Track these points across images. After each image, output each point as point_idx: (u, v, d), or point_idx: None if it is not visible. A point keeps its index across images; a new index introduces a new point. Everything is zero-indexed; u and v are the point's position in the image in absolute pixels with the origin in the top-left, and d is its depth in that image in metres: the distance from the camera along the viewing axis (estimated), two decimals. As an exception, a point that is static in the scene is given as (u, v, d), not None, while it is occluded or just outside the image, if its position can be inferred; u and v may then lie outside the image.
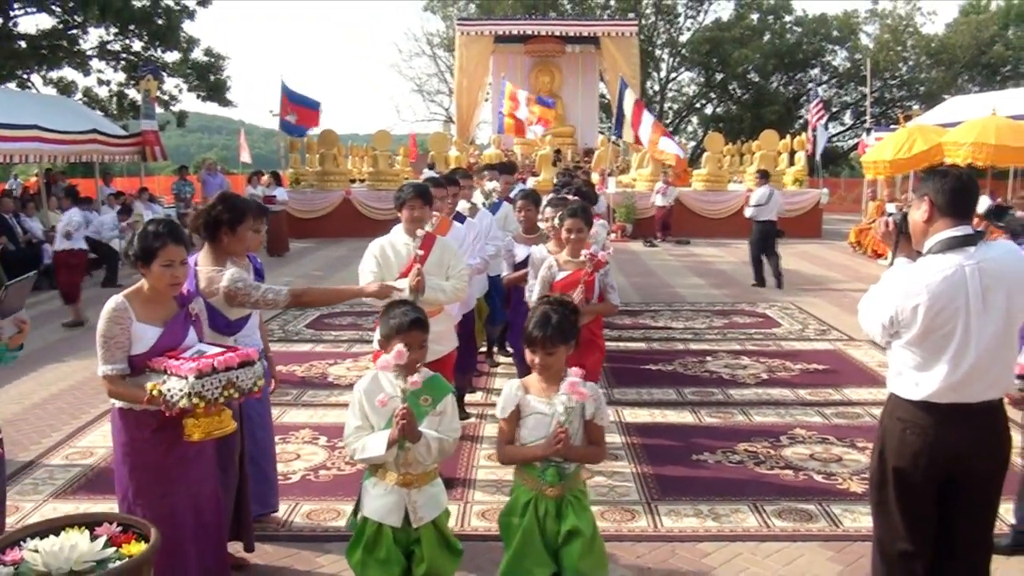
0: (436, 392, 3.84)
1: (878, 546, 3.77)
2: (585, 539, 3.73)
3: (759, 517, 5.46)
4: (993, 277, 3.38)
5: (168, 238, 3.78)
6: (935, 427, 3.45)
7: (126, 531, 3.18)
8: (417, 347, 3.76)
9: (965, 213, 3.49)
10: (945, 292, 3.38)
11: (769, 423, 7.35)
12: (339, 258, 18.78)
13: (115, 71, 31.90)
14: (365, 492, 3.82)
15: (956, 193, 3.47)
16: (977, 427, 3.42)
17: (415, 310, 3.88)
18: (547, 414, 3.79)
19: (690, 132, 52.47)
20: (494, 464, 6.35)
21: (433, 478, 3.84)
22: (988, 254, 3.42)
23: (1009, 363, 3.47)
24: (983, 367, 3.38)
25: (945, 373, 3.41)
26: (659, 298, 13.69)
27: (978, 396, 3.40)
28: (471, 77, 31.35)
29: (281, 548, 5.03)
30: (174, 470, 3.83)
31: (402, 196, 5.57)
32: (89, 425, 7.37)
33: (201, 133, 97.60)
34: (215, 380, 3.60)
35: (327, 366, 9.26)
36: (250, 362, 3.79)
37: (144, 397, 3.66)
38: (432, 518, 3.78)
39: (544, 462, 3.78)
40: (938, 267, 3.43)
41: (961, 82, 44.17)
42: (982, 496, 3.52)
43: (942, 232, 3.47)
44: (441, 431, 3.77)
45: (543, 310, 3.91)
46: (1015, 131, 13.83)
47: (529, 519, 3.78)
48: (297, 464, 6.37)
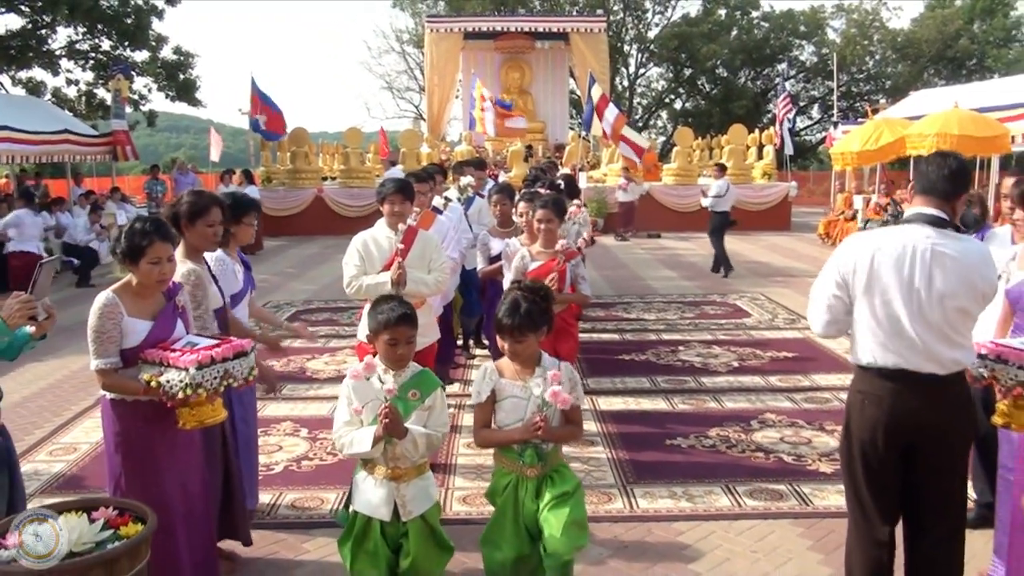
0: (425, 387, 3.87)
1: (850, 518, 3.93)
2: (566, 497, 3.79)
3: (731, 497, 5.64)
4: (946, 265, 3.49)
5: (155, 235, 3.86)
6: (890, 396, 3.60)
7: (122, 514, 3.29)
8: (404, 342, 3.80)
9: (938, 195, 3.61)
10: (891, 254, 3.55)
11: (740, 408, 7.54)
12: (312, 256, 18.84)
13: (84, 70, 31.74)
14: (356, 486, 3.88)
15: (932, 175, 3.64)
16: (931, 397, 3.56)
17: (403, 305, 3.86)
18: (523, 397, 3.85)
19: (660, 127, 52.73)
20: (474, 451, 6.48)
21: (423, 472, 3.88)
22: (951, 242, 3.52)
23: (958, 346, 3.55)
24: (924, 343, 3.51)
25: (886, 336, 3.58)
26: (631, 290, 13.88)
27: (921, 367, 3.54)
28: (441, 74, 31.42)
29: (267, 535, 5.14)
30: (164, 458, 3.94)
31: (383, 192, 5.66)
32: (71, 422, 7.44)
33: (169, 132, 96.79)
34: (214, 371, 3.72)
35: (305, 360, 9.35)
36: (244, 353, 3.91)
37: (139, 388, 3.77)
38: (421, 512, 3.82)
39: (521, 444, 3.84)
40: (893, 232, 3.63)
41: (927, 76, 44.69)
42: (941, 465, 3.66)
43: (912, 208, 3.67)
44: (429, 426, 3.80)
45: (513, 297, 3.92)
46: (976, 122, 14.14)
47: (506, 498, 3.87)
48: (279, 455, 6.48)
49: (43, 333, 3.80)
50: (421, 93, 43.26)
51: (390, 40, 51.07)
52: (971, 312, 3.56)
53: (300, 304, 12.86)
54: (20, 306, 3.47)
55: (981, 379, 3.83)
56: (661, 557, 4.84)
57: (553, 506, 3.78)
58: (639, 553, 4.89)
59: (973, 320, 3.61)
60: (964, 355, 3.58)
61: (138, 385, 3.78)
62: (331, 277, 15.15)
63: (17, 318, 3.48)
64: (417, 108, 49.25)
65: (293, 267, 17.19)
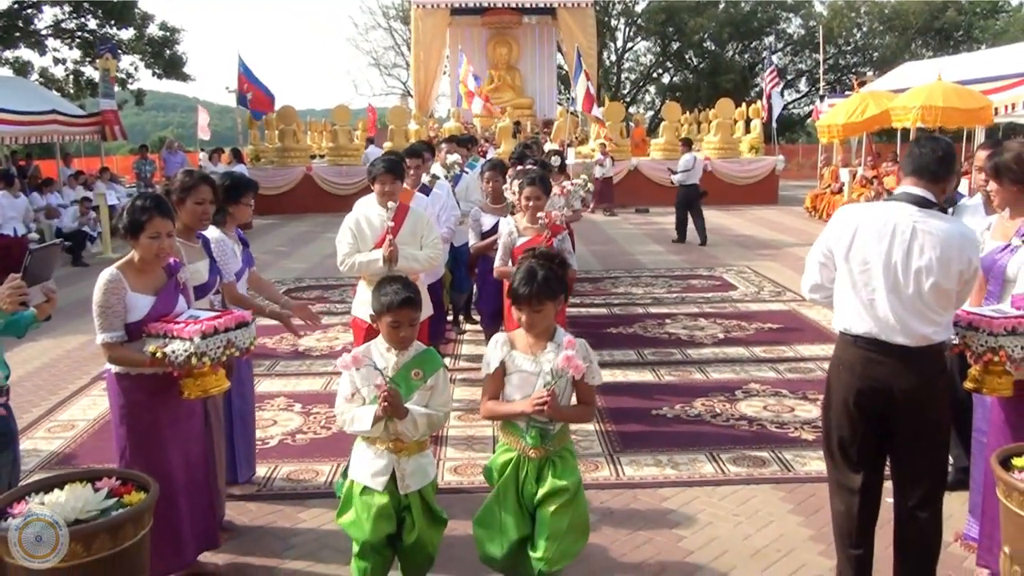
0: (427, 366, 3.87)
1: (832, 486, 4.11)
2: (565, 498, 3.70)
3: (715, 465, 5.80)
4: (925, 243, 3.62)
5: (155, 211, 3.97)
6: (862, 363, 3.76)
7: (125, 484, 3.43)
8: (407, 325, 3.80)
9: (928, 176, 3.74)
10: (874, 227, 3.70)
11: (725, 379, 7.69)
12: (302, 234, 18.92)
13: (71, 49, 31.60)
14: (355, 454, 3.93)
15: (924, 157, 3.77)
16: (902, 367, 3.69)
17: (407, 288, 3.82)
18: (532, 372, 3.73)
19: (648, 102, 52.73)
20: (464, 423, 6.66)
21: (423, 448, 3.90)
22: (935, 222, 3.65)
23: (931, 322, 3.67)
24: (896, 316, 3.65)
25: (861, 306, 3.73)
26: (619, 265, 14.01)
27: (892, 338, 3.68)
28: (428, 50, 31.31)
29: (264, 506, 5.29)
30: (168, 429, 4.08)
31: (373, 171, 5.76)
32: (68, 400, 7.55)
33: (156, 111, 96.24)
34: (217, 340, 3.84)
35: (297, 338, 9.45)
36: (245, 323, 4.05)
37: (144, 360, 3.88)
38: (419, 487, 3.85)
39: (527, 422, 3.73)
40: (878, 207, 3.80)
41: (915, 47, 44.79)
42: (916, 432, 3.80)
43: (901, 187, 3.83)
44: (431, 405, 3.83)
45: (528, 265, 3.75)
46: (960, 94, 14.27)
47: (507, 479, 3.78)
48: (274, 429, 6.61)
49: (47, 315, 3.93)
50: (408, 70, 43.11)
51: (376, 16, 51.06)
52: (947, 290, 3.66)
53: (291, 282, 12.96)
54: (10, 291, 3.58)
55: (953, 346, 3.98)
56: (646, 522, 5.00)
57: (554, 510, 3.69)
58: (625, 519, 5.04)
59: (949, 299, 3.71)
60: (936, 332, 3.70)
61: (143, 357, 3.89)
62: (321, 255, 15.25)
63: (8, 303, 3.58)
64: (405, 85, 49.12)
65: (284, 245, 17.28)
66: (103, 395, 7.56)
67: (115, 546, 3.06)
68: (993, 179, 4.62)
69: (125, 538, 3.11)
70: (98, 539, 3.03)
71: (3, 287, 3.61)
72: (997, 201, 4.64)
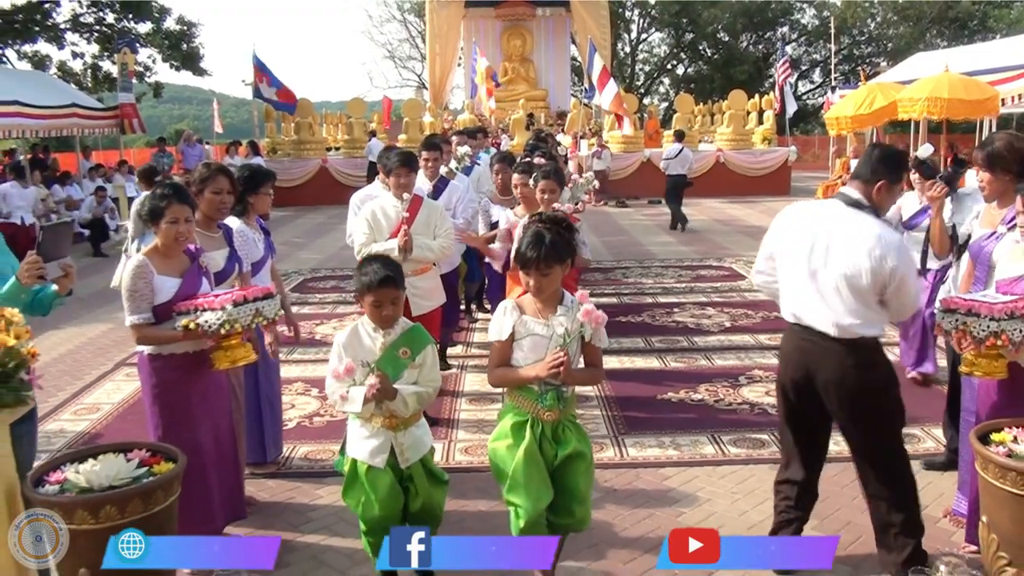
0: (415, 344, 3.93)
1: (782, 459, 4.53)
2: (587, 462, 3.83)
3: (716, 446, 6.01)
4: (843, 238, 3.93)
5: (173, 198, 4.24)
6: (794, 346, 4.17)
7: (154, 455, 3.67)
8: (389, 303, 3.84)
9: (858, 178, 4.07)
10: (804, 223, 4.10)
11: (729, 366, 7.90)
12: (318, 225, 19.18)
13: (89, 43, 31.95)
14: (351, 433, 4.03)
15: (860, 162, 4.13)
16: (826, 354, 4.01)
17: (387, 267, 3.87)
18: (545, 336, 3.72)
19: (662, 93, 52.81)
20: (474, 407, 6.89)
21: (418, 419, 4.00)
22: (856, 221, 3.93)
23: (853, 313, 3.92)
24: (816, 301, 3.99)
25: (791, 293, 4.13)
26: (630, 255, 14.21)
27: (815, 323, 4.02)
28: (443, 42, 31.51)
29: (284, 483, 5.55)
30: (198, 407, 4.33)
31: (389, 165, 5.97)
32: (92, 384, 7.81)
33: (172, 104, 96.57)
34: (247, 308, 4.13)
35: (314, 326, 9.72)
36: (270, 295, 4.36)
37: (175, 335, 4.15)
38: (418, 458, 3.96)
39: (542, 386, 3.73)
40: (814, 205, 4.20)
41: (929, 37, 44.63)
42: (847, 418, 4.12)
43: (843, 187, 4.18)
44: (420, 382, 3.91)
45: (535, 230, 3.72)
46: (966, 85, 14.36)
47: (530, 441, 3.73)
48: (292, 412, 6.86)
49: (68, 289, 4.14)
50: (423, 62, 43.36)
51: (391, 9, 51.12)
52: (861, 288, 3.88)
53: (307, 272, 13.22)
54: (28, 266, 3.83)
55: (951, 332, 4.17)
56: (648, 499, 5.21)
57: (582, 473, 3.82)
58: (627, 496, 5.26)
59: (866, 298, 3.92)
60: (858, 324, 3.94)
61: (174, 333, 4.15)
62: (337, 246, 15.49)
63: (27, 277, 3.83)
64: (419, 77, 49.35)
65: (299, 236, 17.53)
66: (126, 380, 7.84)
67: (146, 510, 3.31)
68: (986, 169, 4.79)
69: (156, 503, 3.35)
70: (131, 503, 3.27)
71: (22, 263, 3.86)
72: (988, 192, 4.82)
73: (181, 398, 4.30)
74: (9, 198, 14.91)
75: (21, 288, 3.84)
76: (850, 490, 5.00)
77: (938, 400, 6.22)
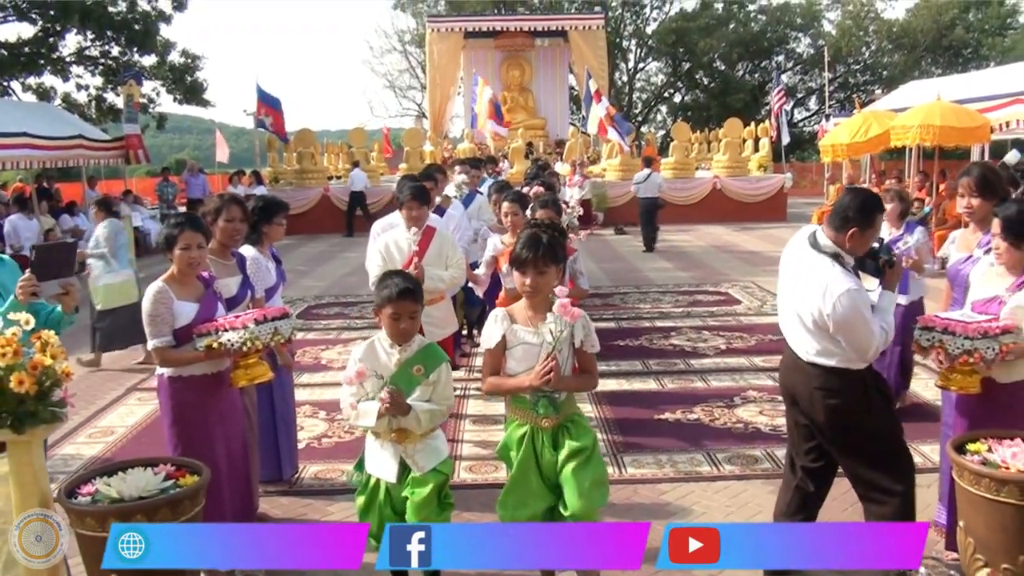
0: (429, 361, 4.00)
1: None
2: (586, 454, 3.85)
3: (711, 463, 6.24)
4: (801, 279, 4.23)
5: (186, 226, 4.52)
6: (783, 366, 4.52)
7: (179, 469, 3.90)
8: (407, 317, 3.93)
9: (830, 226, 4.22)
10: (787, 256, 4.45)
11: (725, 387, 8.13)
12: (320, 253, 19.45)
13: (93, 76, 32.27)
14: (367, 447, 4.16)
15: (837, 201, 4.37)
16: (801, 374, 4.29)
17: (407, 280, 3.98)
18: (535, 344, 3.82)
19: (659, 121, 53.33)
20: (478, 427, 7.11)
21: (432, 434, 4.05)
22: (814, 264, 4.16)
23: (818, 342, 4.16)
24: (791, 328, 4.33)
25: (780, 307, 4.51)
26: (628, 281, 14.46)
27: (792, 343, 4.35)
28: (443, 73, 32.02)
29: (295, 500, 5.78)
30: (215, 426, 4.57)
31: (401, 199, 6.23)
32: (105, 409, 8.03)
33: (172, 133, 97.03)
34: (266, 327, 4.38)
35: (320, 351, 9.96)
36: (287, 315, 4.61)
37: (198, 356, 4.39)
38: (433, 466, 3.98)
39: (533, 394, 3.83)
40: (798, 240, 4.40)
41: (924, 65, 45.21)
42: (821, 434, 4.36)
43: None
44: (434, 400, 3.97)
45: (531, 232, 3.90)
46: (957, 113, 14.67)
47: (525, 451, 3.87)
48: (302, 434, 7.05)
49: (72, 308, 4.30)
50: (423, 91, 43.80)
51: (392, 40, 51.68)
52: (817, 321, 4.10)
53: (312, 299, 13.45)
54: (22, 284, 4.04)
55: (927, 349, 4.42)
56: (645, 513, 5.43)
57: (575, 468, 3.82)
58: (625, 510, 5.49)
59: (824, 331, 4.11)
60: (823, 355, 4.18)
61: (196, 354, 4.39)
62: (340, 273, 15.78)
63: (20, 295, 4.02)
64: (419, 106, 49.82)
65: (303, 264, 17.77)
66: (139, 404, 8.08)
67: (175, 519, 3.52)
68: (978, 194, 5.01)
69: (183, 512, 3.57)
70: (160, 512, 3.49)
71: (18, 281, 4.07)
72: (977, 215, 5.03)
73: (199, 418, 4.54)
74: (19, 230, 15.21)
75: (19, 306, 3.99)
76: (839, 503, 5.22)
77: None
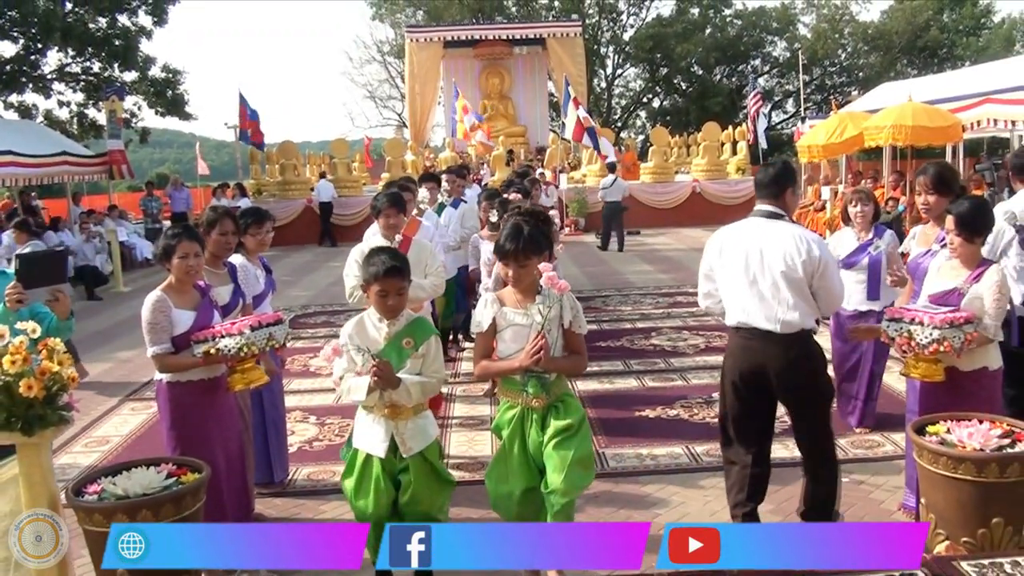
0: (418, 334, 4.11)
1: (726, 464, 5.01)
2: (571, 431, 3.95)
3: (690, 456, 6.47)
4: (772, 242, 4.48)
5: (183, 236, 4.72)
6: (741, 347, 4.69)
7: (180, 467, 4.10)
8: (395, 293, 4.03)
9: (768, 193, 4.64)
10: (732, 238, 4.65)
11: (704, 384, 8.36)
12: (305, 263, 19.62)
13: (75, 92, 32.37)
14: (357, 422, 4.24)
15: (760, 181, 4.70)
16: (771, 351, 4.53)
17: (394, 258, 4.06)
18: (525, 325, 3.93)
19: (639, 127, 53.68)
20: (465, 427, 7.32)
21: (421, 410, 4.16)
22: (776, 227, 4.51)
23: (792, 308, 4.46)
24: (758, 303, 4.52)
25: (734, 300, 4.64)
26: (609, 284, 14.71)
27: (760, 324, 4.53)
28: (422, 82, 32.30)
29: (288, 501, 5.98)
30: (212, 429, 4.79)
31: (378, 206, 6.42)
32: (100, 419, 8.20)
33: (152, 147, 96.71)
34: (261, 333, 4.59)
35: (308, 359, 10.15)
36: (281, 321, 4.83)
37: (196, 362, 4.60)
38: (420, 448, 4.10)
39: (524, 375, 3.93)
40: (739, 224, 4.70)
41: (900, 66, 45.72)
42: (796, 403, 4.70)
43: (756, 206, 4.73)
44: (424, 372, 4.07)
45: (515, 222, 3.97)
46: (929, 114, 14.93)
47: (512, 429, 4.02)
48: (293, 439, 7.24)
49: (65, 315, 4.46)
50: (403, 101, 44.00)
51: (371, 51, 51.86)
52: (798, 279, 4.45)
53: (298, 309, 13.61)
54: (8, 292, 4.21)
55: (895, 339, 4.66)
56: (626, 503, 5.67)
57: (557, 444, 3.92)
58: (607, 501, 5.72)
59: (802, 289, 4.47)
60: (799, 317, 4.50)
61: (194, 360, 4.60)
62: (325, 283, 15.98)
63: (8, 303, 4.19)
64: (400, 116, 50.00)
65: (288, 275, 17.90)
66: (132, 414, 8.25)
67: (178, 514, 3.72)
68: (934, 192, 5.30)
69: (186, 507, 3.77)
70: (164, 507, 3.69)
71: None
72: (934, 211, 5.31)
73: (197, 421, 4.75)
74: (10, 251, 15.31)
75: (8, 312, 4.16)
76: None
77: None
